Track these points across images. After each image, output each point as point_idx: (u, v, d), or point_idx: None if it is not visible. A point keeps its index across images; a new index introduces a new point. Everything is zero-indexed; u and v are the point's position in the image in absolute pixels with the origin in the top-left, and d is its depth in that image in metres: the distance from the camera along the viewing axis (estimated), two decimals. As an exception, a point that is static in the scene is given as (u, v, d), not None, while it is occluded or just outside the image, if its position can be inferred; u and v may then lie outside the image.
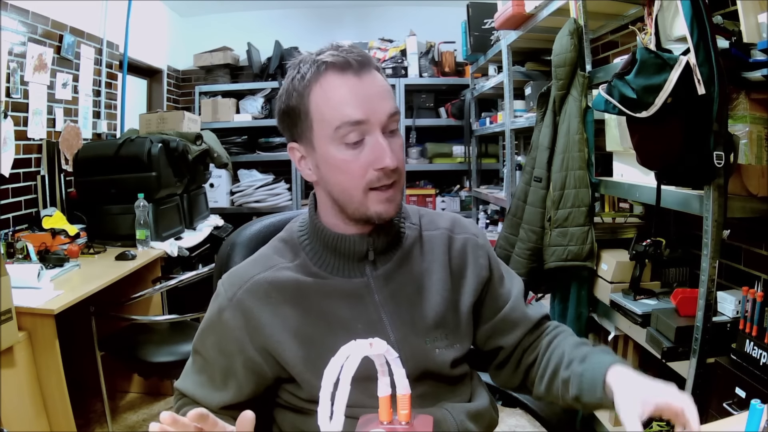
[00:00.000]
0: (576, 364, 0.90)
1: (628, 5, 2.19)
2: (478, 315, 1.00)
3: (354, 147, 0.83)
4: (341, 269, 0.91)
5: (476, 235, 1.01)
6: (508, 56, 2.91)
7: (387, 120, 0.84)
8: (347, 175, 0.84)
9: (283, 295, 0.89)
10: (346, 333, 0.87)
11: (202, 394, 0.92)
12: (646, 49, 1.42)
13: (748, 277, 1.74)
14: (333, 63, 0.83)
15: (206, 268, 2.29)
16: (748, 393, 1.26)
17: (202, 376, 0.93)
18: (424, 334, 0.92)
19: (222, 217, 3.72)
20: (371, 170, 0.84)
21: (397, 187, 0.87)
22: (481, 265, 0.98)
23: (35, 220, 2.64)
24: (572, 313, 2.08)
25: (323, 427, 0.62)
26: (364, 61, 0.85)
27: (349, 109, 0.82)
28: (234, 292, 0.90)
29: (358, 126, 0.83)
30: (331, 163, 0.85)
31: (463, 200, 4.39)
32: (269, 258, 0.93)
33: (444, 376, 0.94)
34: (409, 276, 0.94)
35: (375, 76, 0.86)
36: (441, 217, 1.02)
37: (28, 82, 2.67)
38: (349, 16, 4.62)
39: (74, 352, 2.09)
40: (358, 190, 0.85)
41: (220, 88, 4.43)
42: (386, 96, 0.86)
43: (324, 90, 0.84)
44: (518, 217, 2.30)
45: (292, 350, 0.87)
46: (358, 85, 0.83)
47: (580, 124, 2.00)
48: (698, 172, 1.39)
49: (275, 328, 0.87)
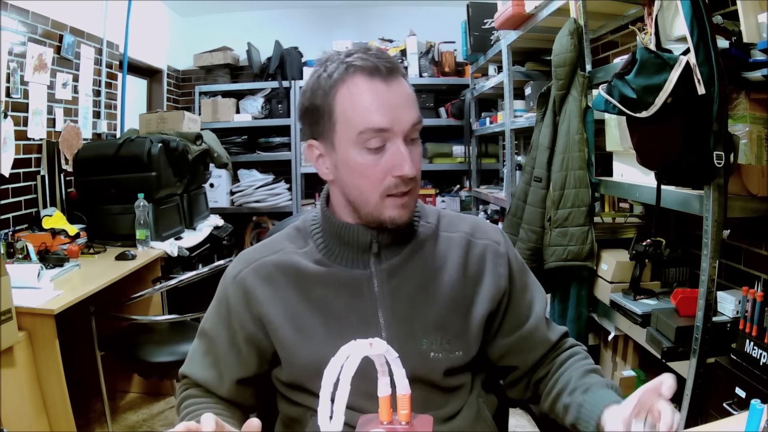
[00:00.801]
0: (578, 394, 0.89)
1: (628, 5, 2.19)
2: (494, 327, 0.98)
3: (375, 152, 0.84)
4: (345, 258, 0.92)
5: (498, 242, 0.98)
6: (508, 56, 2.91)
7: (410, 129, 0.85)
8: (366, 179, 0.85)
9: (285, 279, 0.91)
10: (338, 323, 0.89)
11: (209, 377, 0.94)
12: (646, 49, 1.42)
13: (748, 277, 1.74)
14: (362, 67, 0.83)
15: (206, 268, 2.29)
16: (748, 393, 1.26)
17: (208, 356, 0.95)
18: (421, 335, 0.90)
19: (222, 217, 3.72)
20: (389, 177, 0.84)
21: (412, 194, 0.88)
22: (500, 274, 0.95)
23: (35, 220, 2.64)
24: (572, 313, 2.08)
25: (323, 427, 0.62)
26: (393, 68, 0.85)
27: (375, 115, 0.82)
28: (239, 270, 0.94)
29: (382, 133, 0.83)
30: (351, 165, 0.85)
31: (463, 200, 4.40)
32: (279, 243, 0.96)
33: (435, 384, 0.92)
34: (415, 273, 0.92)
35: (402, 83, 0.86)
36: (463, 221, 1.00)
37: (28, 82, 2.67)
38: (349, 16, 4.62)
39: (74, 352, 2.09)
40: (375, 194, 0.85)
41: (220, 88, 4.43)
42: (411, 104, 0.86)
43: (351, 93, 0.84)
44: (518, 217, 2.30)
45: (283, 331, 0.90)
46: (385, 92, 0.83)
47: (580, 124, 2.00)
48: (698, 172, 1.39)
49: (272, 307, 0.90)
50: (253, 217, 4.47)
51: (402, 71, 0.87)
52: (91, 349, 2.12)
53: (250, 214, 4.43)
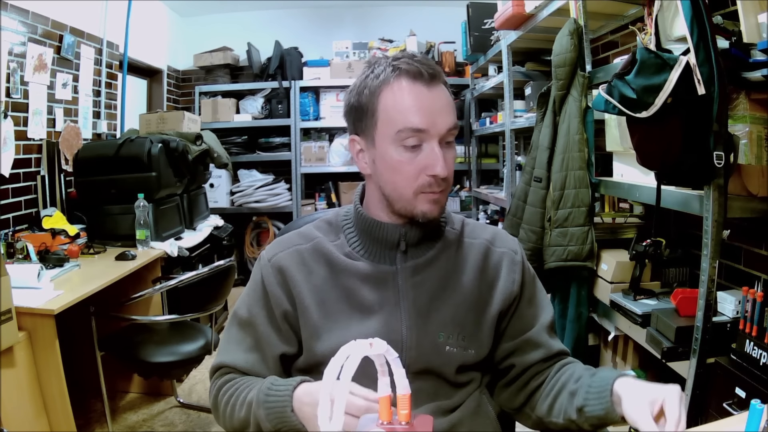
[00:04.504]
0: (586, 378, 0.91)
1: (628, 5, 2.19)
2: (500, 330, 1.01)
3: (411, 151, 0.89)
4: (373, 254, 0.97)
5: (515, 251, 1.03)
6: (508, 56, 2.91)
7: (446, 132, 0.90)
8: (401, 175, 0.90)
9: (318, 265, 0.97)
10: (362, 311, 0.94)
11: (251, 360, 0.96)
12: (646, 49, 1.42)
13: (748, 277, 1.74)
14: (407, 71, 0.89)
15: (206, 268, 2.29)
16: (748, 393, 1.26)
17: (246, 341, 0.98)
18: (439, 328, 0.94)
19: (222, 217, 3.72)
20: (423, 175, 0.89)
21: (445, 192, 0.93)
22: (513, 279, 1.00)
23: (35, 220, 2.64)
24: (572, 313, 2.08)
25: (323, 427, 0.62)
26: (435, 74, 0.90)
27: (414, 116, 0.88)
28: (274, 253, 0.99)
29: (419, 133, 0.88)
30: (388, 161, 0.91)
31: (463, 200, 4.40)
32: (312, 233, 1.01)
33: (446, 377, 0.95)
34: (437, 273, 0.97)
35: (442, 90, 0.92)
36: (484, 230, 1.05)
37: (28, 82, 2.67)
38: (349, 16, 4.62)
39: (74, 352, 2.09)
40: (408, 190, 0.91)
41: (220, 88, 4.43)
42: (449, 110, 0.91)
43: (394, 93, 0.90)
44: (518, 217, 2.30)
45: (310, 312, 0.94)
46: (426, 96, 0.89)
47: (580, 124, 2.00)
48: (698, 172, 1.39)
49: (303, 289, 0.95)
50: (253, 218, 4.47)
51: (443, 79, 0.93)
52: (91, 349, 2.12)
53: (250, 214, 4.43)
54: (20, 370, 1.71)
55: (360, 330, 0.91)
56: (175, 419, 2.52)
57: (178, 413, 2.58)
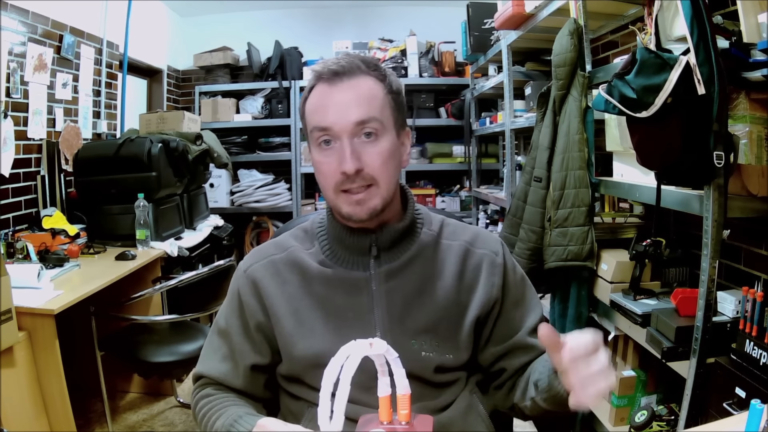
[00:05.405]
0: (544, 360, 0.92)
1: (628, 5, 2.19)
2: (485, 335, 0.99)
3: (325, 150, 0.90)
4: (346, 260, 0.96)
5: (496, 252, 1.00)
6: (508, 56, 2.90)
7: (353, 127, 0.87)
8: (321, 175, 0.92)
9: (291, 275, 0.97)
10: (336, 319, 0.93)
11: (224, 370, 0.97)
12: (646, 49, 1.42)
13: (748, 277, 1.74)
14: (318, 72, 0.91)
15: (206, 268, 2.29)
16: (748, 393, 1.26)
17: (222, 350, 0.99)
18: (411, 335, 0.92)
19: (222, 217, 3.72)
20: (337, 173, 0.89)
21: (371, 191, 0.89)
22: (493, 283, 0.97)
23: (35, 220, 2.64)
24: (572, 313, 2.08)
25: (323, 427, 0.62)
26: (341, 71, 0.89)
27: (318, 115, 0.90)
28: (249, 265, 1.00)
29: (326, 132, 0.89)
30: (314, 164, 0.94)
31: (463, 200, 4.39)
32: (288, 242, 1.02)
33: (426, 380, 0.93)
34: (412, 277, 0.95)
35: (354, 84, 0.89)
36: (465, 230, 1.02)
37: (28, 82, 2.67)
38: (349, 16, 4.62)
39: (74, 352, 2.09)
40: (329, 191, 0.91)
41: (220, 88, 4.43)
42: (359, 104, 0.88)
43: (310, 98, 0.92)
44: (518, 217, 2.30)
45: (284, 322, 0.94)
46: (328, 94, 0.89)
47: (580, 124, 1.99)
48: (698, 172, 1.39)
49: (277, 299, 0.95)
50: (253, 217, 4.47)
51: (365, 70, 0.90)
52: (91, 349, 2.12)
53: (250, 214, 4.43)
54: (20, 370, 1.71)
55: (334, 337, 0.89)
56: (175, 419, 2.52)
57: (178, 413, 2.58)
